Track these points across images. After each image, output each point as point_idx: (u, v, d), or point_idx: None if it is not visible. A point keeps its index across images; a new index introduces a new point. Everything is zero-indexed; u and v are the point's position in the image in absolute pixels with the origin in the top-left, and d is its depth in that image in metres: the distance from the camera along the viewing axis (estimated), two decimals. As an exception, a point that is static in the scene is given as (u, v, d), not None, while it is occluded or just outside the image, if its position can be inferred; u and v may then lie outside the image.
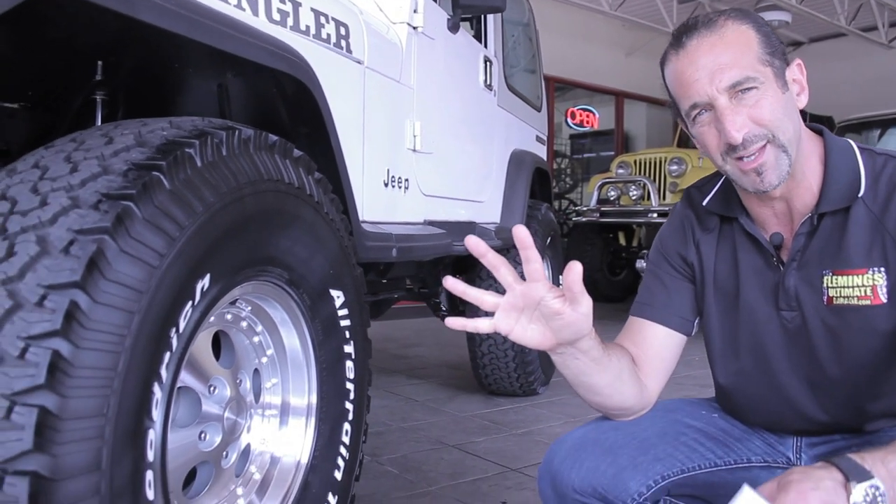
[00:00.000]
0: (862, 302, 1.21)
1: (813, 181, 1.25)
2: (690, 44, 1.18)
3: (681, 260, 1.42)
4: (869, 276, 1.21)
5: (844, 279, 1.23)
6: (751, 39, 1.18)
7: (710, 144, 1.21)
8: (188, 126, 1.20)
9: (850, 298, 1.22)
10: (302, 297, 1.47)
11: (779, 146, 1.17)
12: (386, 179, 2.21)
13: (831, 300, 1.24)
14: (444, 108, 2.75)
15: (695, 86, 1.18)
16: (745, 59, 1.16)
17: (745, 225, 1.32)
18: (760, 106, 1.16)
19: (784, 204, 1.27)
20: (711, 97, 1.17)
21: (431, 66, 2.56)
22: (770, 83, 1.17)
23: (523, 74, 4.26)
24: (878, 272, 1.20)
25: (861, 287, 1.21)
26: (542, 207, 3.84)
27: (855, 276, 1.22)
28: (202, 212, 1.12)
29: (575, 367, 1.20)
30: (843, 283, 1.23)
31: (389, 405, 3.57)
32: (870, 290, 1.20)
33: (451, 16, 2.74)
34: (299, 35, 1.76)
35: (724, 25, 1.18)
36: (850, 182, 1.23)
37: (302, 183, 1.41)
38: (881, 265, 1.20)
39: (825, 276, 1.24)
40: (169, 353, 1.07)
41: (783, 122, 1.17)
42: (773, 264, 1.30)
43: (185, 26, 1.22)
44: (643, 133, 10.89)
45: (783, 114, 1.18)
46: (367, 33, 2.07)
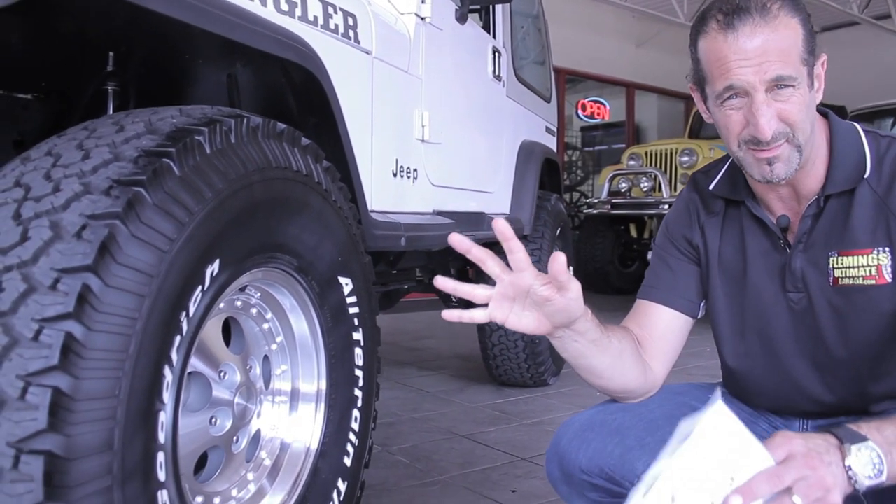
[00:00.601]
0: (867, 282, 1.22)
1: (820, 165, 1.26)
2: (742, 27, 1.14)
3: (686, 243, 1.43)
4: (874, 256, 1.21)
5: (850, 259, 1.23)
6: (798, 35, 1.16)
7: (731, 128, 1.21)
8: (197, 114, 1.21)
9: (855, 279, 1.23)
10: (311, 284, 1.49)
11: (795, 145, 1.18)
12: (395, 169, 2.22)
13: (837, 281, 1.25)
14: (453, 98, 2.76)
15: (738, 72, 1.15)
16: (791, 56, 1.14)
17: (752, 208, 1.33)
18: (792, 104, 1.16)
19: (790, 188, 1.28)
20: (752, 87, 1.15)
21: (439, 57, 2.57)
22: (804, 82, 1.16)
23: (533, 66, 4.26)
24: (883, 252, 1.21)
25: (866, 267, 1.22)
26: (551, 198, 3.84)
27: (860, 256, 1.22)
28: (211, 198, 1.13)
29: (574, 349, 1.22)
30: (848, 264, 1.24)
31: (400, 396, 3.59)
32: (874, 269, 1.21)
33: (459, 6, 2.75)
34: (307, 25, 1.77)
35: (778, 16, 1.14)
36: (856, 164, 1.24)
37: (310, 170, 1.42)
38: (885, 245, 1.21)
39: (831, 257, 1.25)
40: (179, 336, 1.09)
41: (805, 122, 1.18)
42: (780, 246, 1.31)
43: (194, 16, 1.24)
44: (654, 124, 10.85)
45: (807, 113, 1.18)
46: (374, 24, 2.08)
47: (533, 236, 3.52)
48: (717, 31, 1.17)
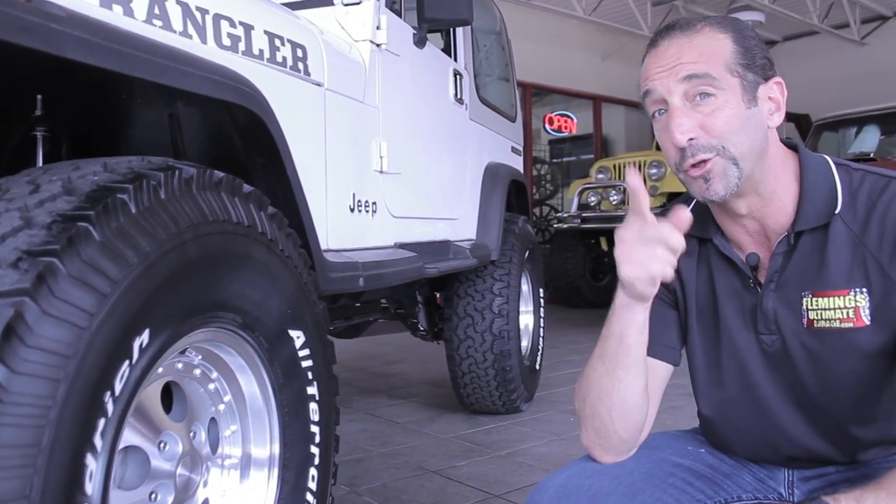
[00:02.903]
0: (844, 324, 1.15)
1: (787, 200, 1.19)
2: (662, 42, 1.17)
3: (662, 286, 1.36)
4: (851, 298, 1.14)
5: (825, 301, 1.16)
6: (724, 47, 1.13)
7: (667, 150, 1.17)
8: (123, 168, 1.11)
9: (831, 321, 1.16)
10: (258, 341, 1.39)
11: (728, 158, 1.12)
12: (352, 204, 2.13)
13: (812, 322, 1.18)
14: (413, 126, 2.68)
15: (653, 76, 1.15)
16: (710, 60, 1.12)
17: (720, 245, 1.26)
18: (715, 116, 1.12)
19: (757, 223, 1.21)
20: (667, 90, 1.13)
21: (397, 84, 2.49)
22: (734, 94, 1.12)
23: (496, 85, 4.20)
24: (861, 293, 1.14)
25: (843, 309, 1.15)
26: (519, 220, 3.77)
27: (836, 297, 1.15)
28: (137, 263, 1.03)
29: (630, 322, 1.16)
30: (823, 305, 1.17)
31: (370, 429, 3.48)
32: (852, 311, 1.14)
33: (416, 31, 2.67)
34: (251, 60, 1.68)
35: (701, 31, 1.15)
36: (827, 199, 1.17)
37: (253, 221, 1.33)
38: (863, 286, 1.14)
39: (805, 297, 1.18)
40: (104, 419, 0.99)
41: (737, 137, 1.12)
42: (750, 286, 1.24)
43: (116, 62, 1.14)
44: (622, 136, 10.86)
45: (740, 128, 1.12)
46: (326, 54, 2.00)
47: (500, 261, 3.44)
48: (647, 54, 1.19)
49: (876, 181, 1.17)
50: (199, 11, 1.57)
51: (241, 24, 1.68)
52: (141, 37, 1.24)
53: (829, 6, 9.01)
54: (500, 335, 3.36)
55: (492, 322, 3.36)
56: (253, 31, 1.71)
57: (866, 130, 7.20)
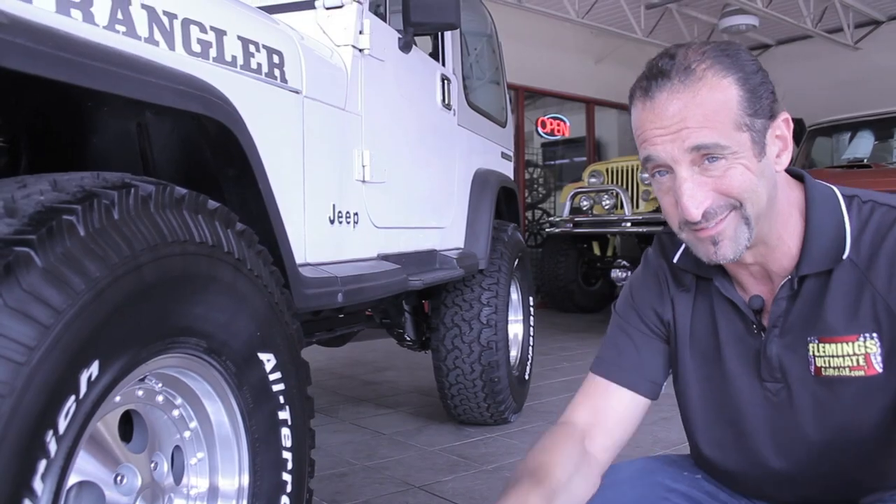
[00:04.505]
0: (855, 373, 1.07)
1: (791, 242, 1.10)
2: (660, 95, 1.02)
3: (655, 317, 1.27)
4: (860, 344, 1.06)
5: (833, 347, 1.08)
6: (730, 98, 1.00)
7: (667, 210, 1.07)
8: (73, 187, 1.03)
9: (840, 369, 1.08)
10: (225, 365, 1.31)
11: (743, 217, 1.04)
12: (332, 216, 2.05)
13: (819, 371, 1.10)
14: (397, 133, 2.60)
15: (655, 142, 1.02)
16: (718, 123, 0.99)
17: (721, 287, 1.18)
18: (729, 177, 1.01)
19: (759, 266, 1.13)
20: (672, 159, 1.02)
21: (381, 90, 2.41)
22: (745, 151, 1.01)
23: (486, 89, 4.13)
24: (871, 338, 1.06)
25: (853, 356, 1.07)
26: (508, 228, 3.69)
27: (844, 343, 1.07)
28: (85, 290, 0.96)
29: None
30: (831, 352, 1.08)
31: (354, 440, 3.40)
32: (863, 359, 1.06)
33: (402, 35, 2.60)
34: (223, 67, 1.61)
35: (703, 78, 1.00)
36: (834, 239, 1.08)
37: (218, 240, 1.25)
38: (873, 330, 1.05)
39: (811, 343, 1.10)
40: (45, 461, 0.91)
41: (757, 192, 1.03)
42: (754, 330, 1.16)
43: (66, 72, 1.06)
44: (615, 139, 10.80)
45: (757, 182, 1.03)
46: (304, 60, 1.92)
47: (489, 270, 3.37)
48: (639, 99, 1.05)
49: (885, 214, 1.07)
50: (167, 16, 1.49)
51: (213, 30, 1.60)
52: (95, 44, 1.16)
53: (822, 10, 8.97)
54: (487, 346, 3.29)
55: (480, 332, 3.28)
56: (225, 36, 1.64)
57: (860, 136, 7.16)
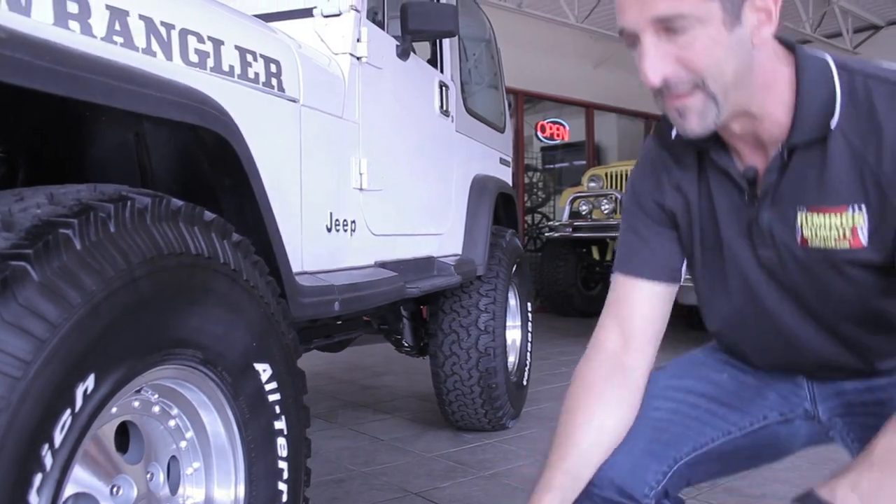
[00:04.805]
0: (840, 245, 1.09)
1: (780, 112, 1.10)
2: None
3: (656, 207, 1.30)
4: (848, 216, 1.07)
5: (821, 218, 1.09)
6: None
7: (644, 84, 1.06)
8: (70, 200, 1.04)
9: (826, 240, 1.10)
10: (221, 376, 1.32)
11: (709, 95, 1.03)
12: (329, 224, 2.06)
13: (806, 241, 1.12)
14: (395, 140, 2.61)
15: (624, 10, 1.03)
16: None
17: (717, 158, 1.19)
18: (692, 48, 1.00)
19: (752, 137, 1.14)
20: (637, 27, 1.02)
21: (378, 98, 2.42)
22: (713, 21, 0.99)
23: (485, 95, 4.14)
24: (858, 211, 1.06)
25: (839, 228, 1.08)
26: (506, 234, 3.70)
27: (832, 215, 1.08)
28: (80, 304, 0.96)
29: None
30: (819, 223, 1.10)
31: (352, 446, 3.41)
32: (849, 231, 1.07)
33: (400, 42, 2.61)
34: (221, 77, 1.61)
35: None
36: (824, 111, 1.07)
37: (214, 251, 1.26)
38: (861, 203, 1.06)
39: (800, 213, 1.12)
40: (41, 474, 0.92)
41: (720, 67, 1.02)
42: (746, 200, 1.18)
43: (63, 86, 1.07)
44: (614, 144, 10.81)
45: (722, 56, 1.01)
46: (302, 69, 1.93)
47: (487, 276, 3.37)
48: None
49: (879, 86, 1.05)
50: (165, 27, 1.50)
51: (210, 40, 1.61)
52: (93, 57, 1.17)
53: (821, 15, 8.99)
54: (485, 352, 3.29)
55: (477, 339, 3.29)
56: (223, 46, 1.64)
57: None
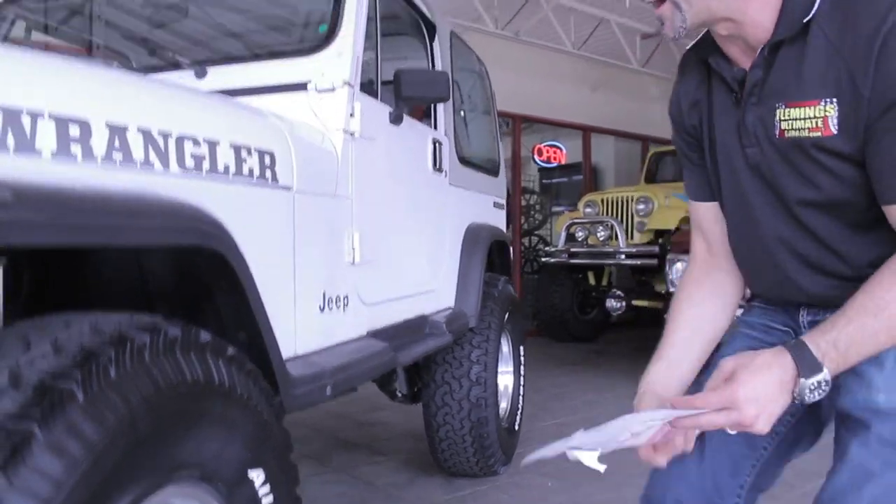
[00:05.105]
0: (812, 134, 1.18)
1: (763, 16, 1.20)
2: None
3: (690, 132, 1.45)
4: (820, 108, 1.16)
5: (797, 111, 1.19)
6: None
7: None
8: (73, 347, 1.10)
9: (801, 131, 1.19)
10: (217, 487, 1.37)
11: (674, 4, 1.18)
12: (322, 304, 2.12)
13: (783, 133, 1.21)
14: (388, 209, 2.67)
15: None
16: None
17: (713, 63, 1.31)
18: None
19: (741, 40, 1.24)
20: None
21: (371, 170, 2.48)
22: None
23: (479, 139, 4.21)
24: (830, 103, 1.15)
25: (812, 119, 1.17)
26: (499, 282, 3.76)
27: (807, 107, 1.17)
28: (83, 457, 1.02)
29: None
30: (795, 115, 1.19)
31: (347, 493, 3.47)
32: (821, 121, 1.16)
33: (393, 108, 2.67)
34: (216, 180, 1.65)
35: None
36: (805, 9, 1.17)
37: (209, 374, 1.31)
38: (833, 95, 1.14)
39: (778, 108, 1.22)
40: None
41: None
42: (736, 101, 1.28)
43: (68, 235, 1.13)
44: (612, 165, 10.89)
45: None
46: (295, 156, 1.98)
47: (479, 328, 3.43)
48: None
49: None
50: (162, 136, 1.54)
51: (206, 142, 1.66)
52: (94, 197, 1.23)
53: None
54: (477, 403, 3.35)
55: (469, 390, 3.35)
56: (218, 147, 1.69)
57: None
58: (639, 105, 10.29)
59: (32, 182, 1.14)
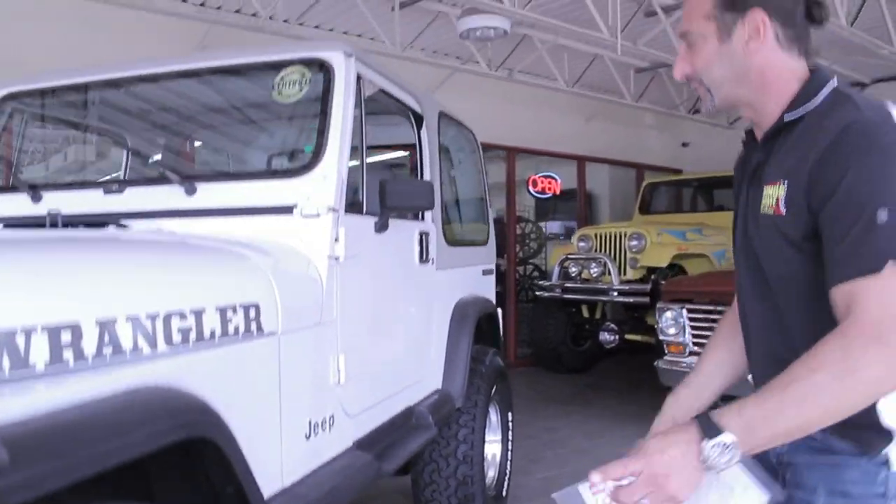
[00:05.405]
0: (769, 211, 1.33)
1: (776, 109, 1.37)
2: None
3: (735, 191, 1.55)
4: (777, 188, 1.31)
5: (767, 190, 1.34)
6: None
7: None
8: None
9: (765, 208, 1.34)
10: None
11: (705, 87, 1.42)
12: (308, 432, 2.22)
13: (758, 209, 1.37)
14: (373, 323, 2.76)
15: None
16: (694, 14, 1.40)
17: (744, 140, 1.51)
18: (696, 55, 1.42)
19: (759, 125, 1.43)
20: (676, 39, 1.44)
21: (356, 290, 2.56)
22: (710, 37, 1.38)
23: (468, 209, 4.30)
24: (783, 184, 1.30)
25: (771, 197, 1.32)
26: (487, 357, 3.84)
27: (770, 187, 1.33)
28: None
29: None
30: (766, 194, 1.34)
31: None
32: (775, 200, 1.31)
33: (378, 218, 2.74)
34: (202, 350, 1.74)
35: None
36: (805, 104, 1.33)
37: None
38: (785, 178, 1.30)
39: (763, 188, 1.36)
40: None
41: (711, 70, 1.40)
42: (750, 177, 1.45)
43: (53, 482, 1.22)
44: (606, 192, 10.98)
45: (715, 62, 1.39)
46: (280, 300, 2.07)
47: (466, 406, 3.53)
48: None
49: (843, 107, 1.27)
50: (150, 318, 1.62)
51: (192, 313, 1.74)
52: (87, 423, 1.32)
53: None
54: (463, 481, 3.45)
55: (456, 468, 3.45)
56: (204, 314, 1.78)
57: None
58: (634, 132, 10.39)
59: (27, 422, 1.23)
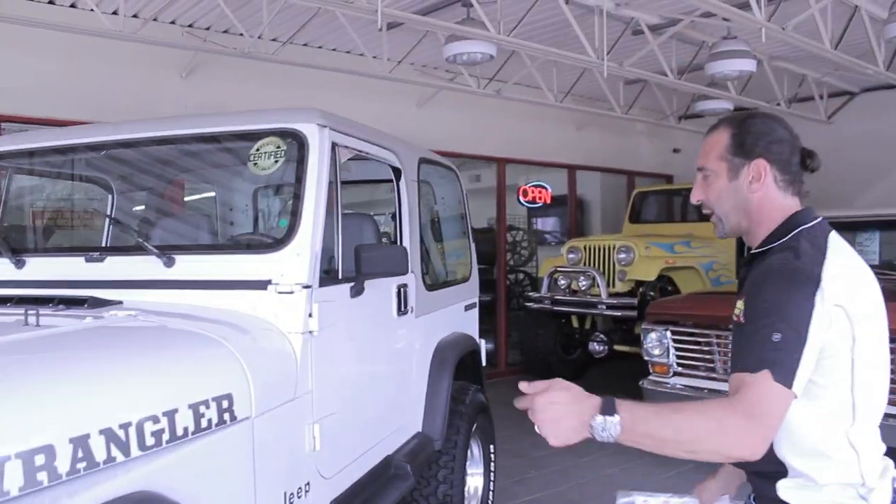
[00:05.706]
0: (735, 319, 1.58)
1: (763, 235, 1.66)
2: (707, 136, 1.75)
3: None
4: (741, 301, 1.57)
5: (738, 302, 1.59)
6: (722, 140, 1.69)
7: None
8: None
9: (735, 316, 1.59)
10: None
11: (717, 216, 1.72)
12: (283, 503, 2.32)
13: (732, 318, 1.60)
14: (349, 388, 2.84)
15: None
16: (710, 154, 1.70)
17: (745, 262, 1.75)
18: (711, 188, 1.71)
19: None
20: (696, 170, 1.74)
21: (331, 358, 2.65)
22: (722, 175, 1.68)
23: (450, 247, 4.38)
24: (741, 299, 1.57)
25: (739, 308, 1.58)
26: (468, 395, 3.93)
27: (739, 300, 1.59)
28: None
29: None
30: (737, 305, 1.59)
31: None
32: (740, 311, 1.56)
33: (353, 283, 2.82)
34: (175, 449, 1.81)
35: (719, 127, 1.71)
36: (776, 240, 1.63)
37: None
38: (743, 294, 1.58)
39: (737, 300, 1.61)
40: None
41: (721, 202, 1.70)
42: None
43: None
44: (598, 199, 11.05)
45: (724, 197, 1.69)
46: (254, 386, 2.15)
47: (446, 447, 3.63)
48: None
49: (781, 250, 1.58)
50: (123, 428, 1.68)
51: (165, 415, 1.81)
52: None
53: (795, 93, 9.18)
54: (443, 523, 3.57)
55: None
56: (177, 414, 1.86)
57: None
58: (625, 139, 10.45)
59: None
